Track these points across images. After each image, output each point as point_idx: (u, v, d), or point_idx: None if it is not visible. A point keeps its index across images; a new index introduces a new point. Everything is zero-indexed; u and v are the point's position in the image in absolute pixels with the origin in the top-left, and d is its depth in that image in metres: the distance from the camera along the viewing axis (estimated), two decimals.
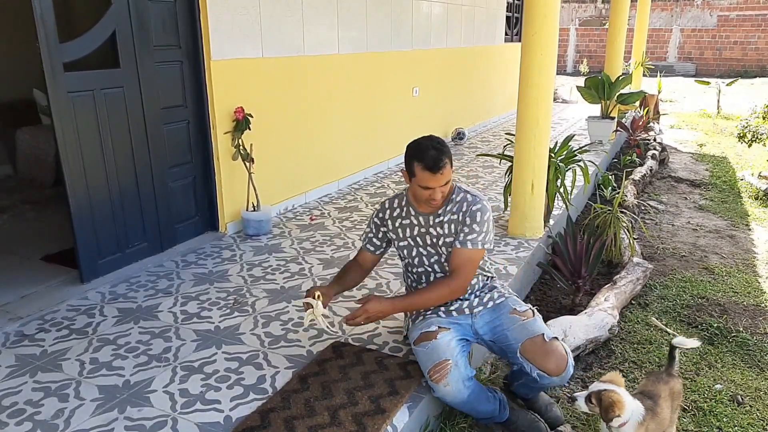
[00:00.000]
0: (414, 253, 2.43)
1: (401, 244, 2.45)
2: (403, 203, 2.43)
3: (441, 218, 2.35)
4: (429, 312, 2.40)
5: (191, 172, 3.87)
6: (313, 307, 2.30)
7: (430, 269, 2.44)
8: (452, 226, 2.33)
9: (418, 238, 2.40)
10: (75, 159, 3.11)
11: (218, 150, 3.92)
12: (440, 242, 2.36)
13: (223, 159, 3.96)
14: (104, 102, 3.23)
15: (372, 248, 2.53)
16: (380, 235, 2.51)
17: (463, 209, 2.31)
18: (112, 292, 3.18)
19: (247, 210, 4.07)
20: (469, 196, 2.34)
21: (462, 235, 2.28)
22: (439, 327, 2.29)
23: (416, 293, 2.37)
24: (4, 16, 5.62)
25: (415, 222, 2.40)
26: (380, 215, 2.49)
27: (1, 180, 5.49)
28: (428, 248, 2.40)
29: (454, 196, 2.35)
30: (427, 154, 2.18)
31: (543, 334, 2.24)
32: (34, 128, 5.32)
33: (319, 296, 2.33)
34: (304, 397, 2.22)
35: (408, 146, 2.26)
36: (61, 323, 2.84)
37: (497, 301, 2.41)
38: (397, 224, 2.44)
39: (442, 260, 2.39)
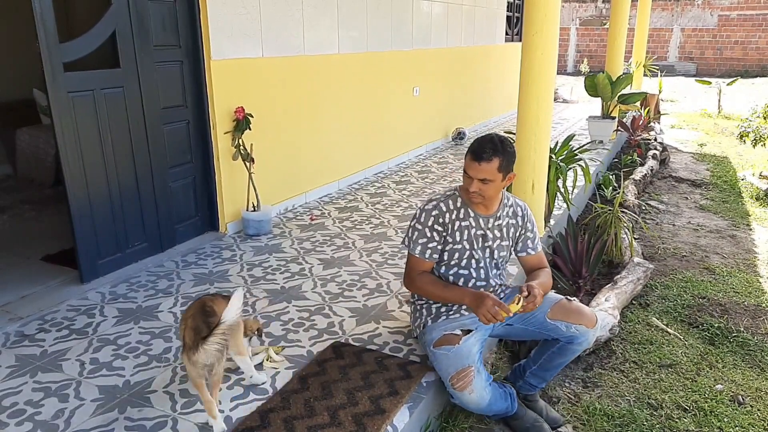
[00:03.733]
0: (466, 255, 2.39)
1: (456, 246, 2.37)
2: (459, 204, 2.37)
3: (500, 221, 2.40)
4: (452, 312, 2.39)
5: (191, 172, 3.86)
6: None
7: (475, 273, 2.42)
8: (510, 230, 2.44)
9: (474, 241, 2.38)
10: (75, 159, 3.11)
11: (218, 150, 3.92)
12: (494, 245, 2.40)
13: (223, 159, 3.96)
14: (104, 102, 3.22)
15: (437, 256, 2.38)
16: (442, 241, 2.37)
17: (519, 214, 2.46)
18: (112, 293, 3.18)
19: (247, 210, 4.07)
20: (517, 200, 2.49)
21: (530, 241, 2.48)
22: (461, 330, 2.29)
23: (542, 280, 2.37)
24: (4, 16, 5.62)
25: (473, 224, 2.37)
26: (440, 221, 2.35)
27: (1, 180, 5.49)
28: (479, 251, 2.39)
29: (505, 200, 2.43)
30: (479, 142, 2.25)
31: (565, 298, 2.41)
32: (34, 128, 5.31)
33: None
34: (303, 398, 2.21)
35: None
36: (61, 323, 2.84)
37: (507, 292, 2.50)
38: (456, 227, 2.36)
39: (487, 263, 2.43)
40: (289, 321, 2.86)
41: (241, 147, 3.92)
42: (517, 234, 2.46)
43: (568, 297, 2.44)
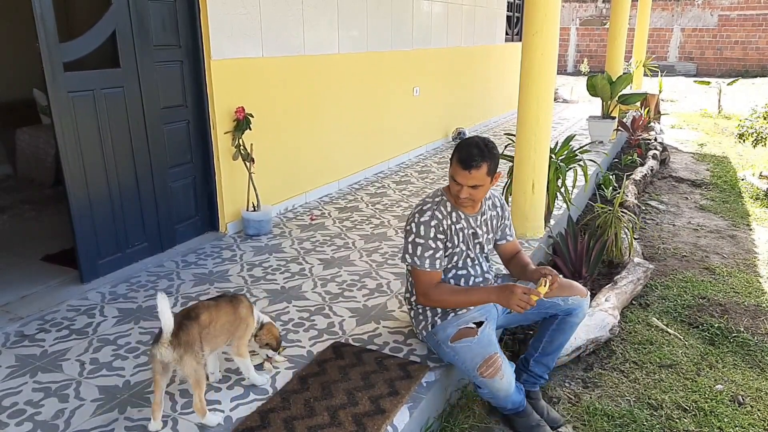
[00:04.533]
0: (463, 256, 2.43)
1: (455, 250, 2.39)
2: (450, 208, 2.37)
3: (485, 216, 2.46)
4: (459, 309, 2.40)
5: (191, 172, 3.86)
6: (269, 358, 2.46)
7: (472, 270, 2.47)
8: (494, 222, 2.51)
9: (468, 241, 2.42)
10: (75, 159, 3.11)
11: (218, 150, 3.91)
12: (483, 240, 2.46)
13: (224, 159, 3.96)
14: (104, 102, 3.22)
15: (445, 263, 2.39)
16: (444, 248, 2.37)
17: (498, 205, 2.53)
18: (112, 293, 3.18)
19: (247, 210, 4.07)
20: (494, 192, 2.52)
21: (508, 228, 2.56)
22: (474, 323, 2.31)
23: (531, 260, 2.50)
24: (4, 16, 5.62)
25: (466, 224, 2.40)
26: (440, 228, 2.33)
27: (1, 180, 5.49)
28: (472, 249, 2.44)
29: (485, 195, 2.45)
30: (465, 149, 2.24)
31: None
32: (34, 128, 5.31)
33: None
34: (303, 398, 2.21)
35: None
36: (61, 323, 2.84)
37: (498, 281, 2.57)
38: (453, 231, 2.38)
39: (480, 259, 2.49)
40: (289, 321, 2.86)
41: (241, 147, 3.92)
42: (498, 224, 2.52)
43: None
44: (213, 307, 2.18)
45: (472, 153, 2.21)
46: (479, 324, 2.30)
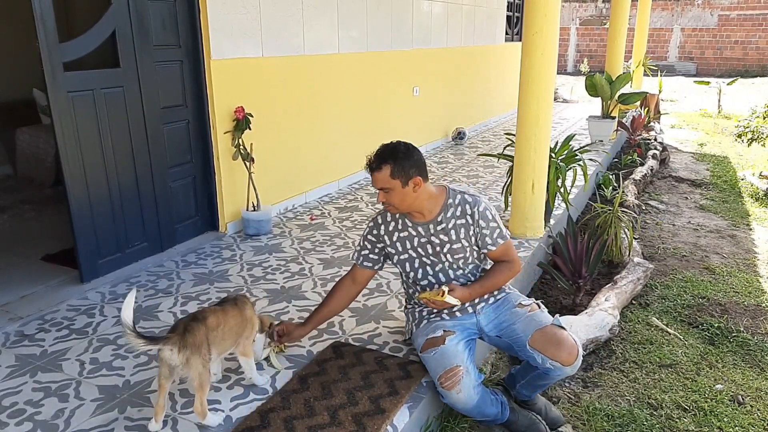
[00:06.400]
0: (417, 265, 2.39)
1: (402, 257, 2.40)
2: (397, 216, 2.38)
3: (443, 225, 2.32)
4: (433, 316, 2.39)
5: (191, 172, 3.86)
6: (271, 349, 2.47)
7: (434, 280, 2.38)
8: (461, 231, 2.32)
9: (419, 249, 2.36)
10: (75, 159, 3.11)
11: (218, 150, 3.92)
12: (444, 249, 2.33)
13: (223, 159, 3.96)
14: (104, 102, 3.22)
15: (370, 264, 2.49)
16: (376, 251, 2.46)
17: (468, 212, 2.31)
18: (112, 292, 3.18)
19: (247, 210, 4.07)
20: (467, 197, 2.34)
21: (488, 238, 2.33)
22: (444, 331, 2.28)
23: (485, 279, 2.35)
24: (4, 16, 5.62)
25: (414, 233, 2.36)
26: (374, 232, 2.43)
27: (1, 180, 5.49)
28: (431, 257, 2.36)
29: (450, 200, 2.34)
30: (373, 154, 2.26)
31: (552, 324, 2.25)
32: (34, 128, 5.31)
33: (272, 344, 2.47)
34: (303, 397, 2.21)
35: None
36: (61, 323, 2.84)
37: (499, 297, 2.43)
38: (395, 238, 2.38)
39: (447, 267, 2.36)
40: (289, 321, 2.85)
41: (241, 147, 3.92)
42: (471, 232, 2.33)
43: (556, 322, 2.26)
44: (220, 311, 2.18)
45: (374, 156, 2.23)
46: (449, 332, 2.27)
